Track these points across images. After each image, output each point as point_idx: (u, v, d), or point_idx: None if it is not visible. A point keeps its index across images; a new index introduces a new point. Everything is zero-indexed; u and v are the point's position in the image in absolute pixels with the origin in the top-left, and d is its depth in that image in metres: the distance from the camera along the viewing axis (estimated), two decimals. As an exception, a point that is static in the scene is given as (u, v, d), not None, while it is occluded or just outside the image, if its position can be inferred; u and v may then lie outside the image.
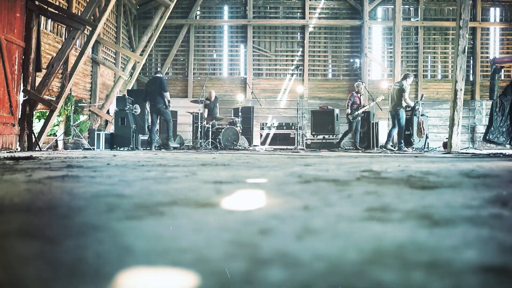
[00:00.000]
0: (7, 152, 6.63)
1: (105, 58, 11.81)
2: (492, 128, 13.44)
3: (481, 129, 13.75)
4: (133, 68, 12.64)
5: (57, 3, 9.09)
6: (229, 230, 0.93)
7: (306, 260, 0.68)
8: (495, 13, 14.11)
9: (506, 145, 13.34)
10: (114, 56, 12.66)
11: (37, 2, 7.71)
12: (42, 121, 10.33)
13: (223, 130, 9.92)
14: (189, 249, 0.76)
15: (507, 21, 14.05)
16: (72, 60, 9.30)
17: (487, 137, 13.55)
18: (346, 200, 1.37)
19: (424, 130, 9.55)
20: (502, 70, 13.24)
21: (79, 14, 9.86)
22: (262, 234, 0.87)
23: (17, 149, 7.53)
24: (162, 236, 0.87)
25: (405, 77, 9.25)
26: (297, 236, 0.86)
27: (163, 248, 0.78)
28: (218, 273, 0.62)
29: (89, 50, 8.52)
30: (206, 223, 1.01)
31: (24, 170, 2.73)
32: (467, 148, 10.96)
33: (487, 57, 13.93)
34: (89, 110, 10.79)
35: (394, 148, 9.32)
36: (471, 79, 14.09)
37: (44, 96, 7.94)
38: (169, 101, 8.78)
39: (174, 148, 9.34)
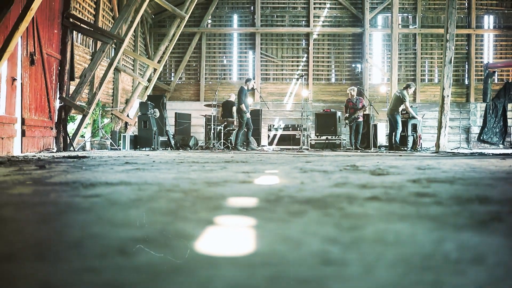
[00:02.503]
0: (50, 152, 7.67)
1: (124, 65, 12.84)
2: (486, 129, 14.25)
3: (475, 130, 14.60)
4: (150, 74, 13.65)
5: (85, 18, 10.11)
6: (263, 190, 1.90)
7: (298, 197, 1.65)
8: (489, 20, 14.96)
9: (499, 145, 14.17)
10: (132, 63, 13.70)
11: (71, 20, 8.73)
12: (71, 124, 11.38)
13: (233, 131, 10.88)
14: (248, 194, 1.74)
15: (500, 28, 14.88)
16: (98, 69, 10.31)
17: (481, 138, 14.37)
18: (326, 180, 2.33)
19: (420, 142, 10.39)
20: (496, 74, 14.07)
21: (104, 27, 10.90)
22: (279, 191, 1.84)
23: (53, 149, 8.55)
24: (232, 190, 1.85)
25: (407, 86, 9.91)
26: (296, 191, 1.83)
27: (236, 193, 1.75)
28: (264, 198, 1.59)
29: (116, 61, 9.53)
30: (249, 188, 1.99)
31: (99, 165, 3.71)
32: (458, 148, 11.83)
33: (481, 62, 14.77)
34: (112, 114, 11.82)
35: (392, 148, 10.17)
36: (466, 83, 14.96)
37: (77, 102, 8.98)
38: (245, 112, 9.71)
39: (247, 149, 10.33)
